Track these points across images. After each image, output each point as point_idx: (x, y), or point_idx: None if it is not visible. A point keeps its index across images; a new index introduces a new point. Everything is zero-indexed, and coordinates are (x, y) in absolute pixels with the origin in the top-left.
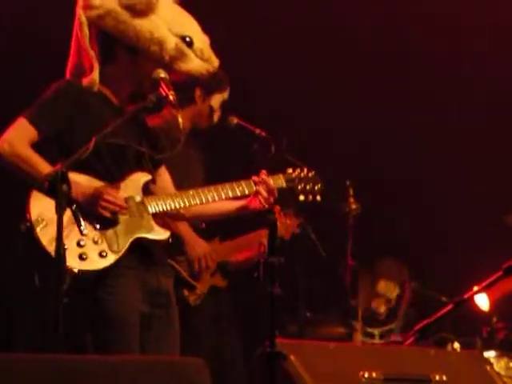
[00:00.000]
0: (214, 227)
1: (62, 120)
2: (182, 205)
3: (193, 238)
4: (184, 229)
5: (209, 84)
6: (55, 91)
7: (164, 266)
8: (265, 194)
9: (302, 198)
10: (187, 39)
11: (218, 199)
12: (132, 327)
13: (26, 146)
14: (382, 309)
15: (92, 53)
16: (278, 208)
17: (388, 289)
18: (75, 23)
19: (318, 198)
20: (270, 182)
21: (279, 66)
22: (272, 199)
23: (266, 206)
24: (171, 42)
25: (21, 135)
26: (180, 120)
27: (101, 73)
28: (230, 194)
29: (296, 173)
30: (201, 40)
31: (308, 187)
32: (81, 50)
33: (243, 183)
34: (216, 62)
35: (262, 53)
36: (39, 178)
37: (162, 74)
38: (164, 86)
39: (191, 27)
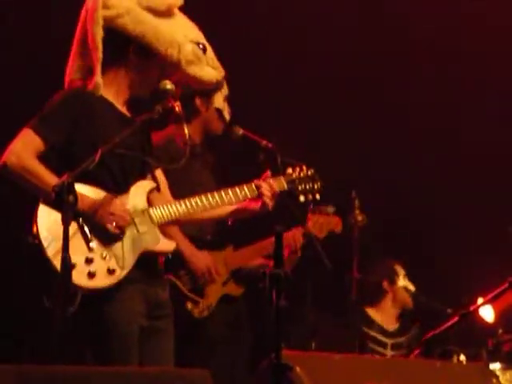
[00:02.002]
0: (225, 236)
1: (67, 130)
2: (187, 212)
3: (193, 252)
4: (183, 244)
5: (206, 89)
6: (59, 100)
7: (161, 277)
8: (268, 195)
9: (302, 198)
10: (201, 45)
11: (221, 204)
12: (132, 340)
13: (33, 157)
14: (389, 325)
15: (100, 55)
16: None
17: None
18: (87, 24)
19: (318, 196)
20: (273, 184)
21: (284, 74)
22: (274, 202)
23: (270, 208)
24: (188, 46)
25: (27, 147)
26: (186, 132)
27: (104, 76)
28: (234, 199)
29: (296, 173)
30: (210, 49)
31: (308, 187)
32: (87, 51)
33: (246, 187)
34: (223, 73)
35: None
36: (47, 190)
37: (169, 85)
38: (171, 98)
39: (202, 36)
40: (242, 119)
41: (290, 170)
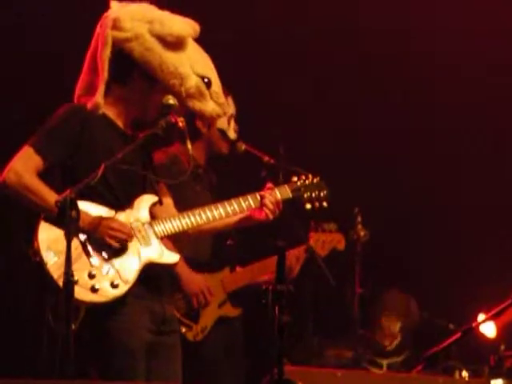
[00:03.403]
0: (222, 257)
1: (67, 147)
2: (190, 225)
3: (189, 274)
4: (180, 265)
5: None
6: (60, 117)
7: (169, 293)
8: (271, 206)
9: (308, 206)
10: (206, 80)
11: (225, 216)
12: (138, 356)
13: (33, 175)
14: (387, 342)
15: (105, 74)
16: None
17: (390, 323)
18: (99, 42)
19: (325, 204)
20: (276, 194)
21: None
22: (277, 212)
23: (271, 218)
24: (192, 80)
25: (27, 165)
26: (189, 147)
27: (109, 93)
28: (237, 210)
29: (301, 181)
30: (217, 84)
31: (314, 195)
32: (96, 68)
33: (249, 198)
34: (227, 109)
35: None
36: (47, 207)
37: (171, 100)
38: (173, 113)
39: (211, 70)
40: (244, 134)
41: (294, 178)
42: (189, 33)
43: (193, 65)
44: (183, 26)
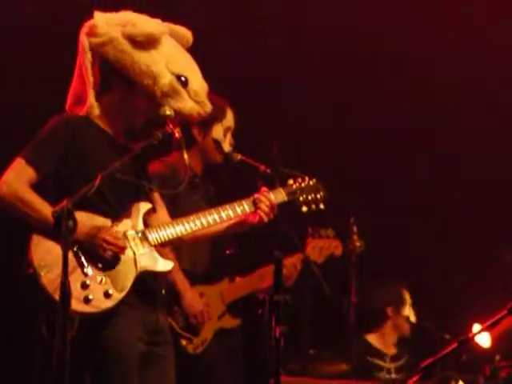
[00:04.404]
0: (220, 268)
1: (59, 158)
2: (184, 232)
3: (190, 295)
4: (180, 282)
5: (204, 119)
6: (51, 128)
7: (163, 304)
8: (265, 209)
9: (304, 209)
10: (182, 78)
11: (219, 221)
12: (131, 366)
13: (26, 187)
14: (386, 348)
15: (91, 79)
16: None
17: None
18: (79, 50)
19: (322, 206)
20: (271, 197)
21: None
22: (272, 215)
23: (266, 221)
24: (165, 78)
25: (19, 177)
26: (186, 158)
27: (99, 103)
28: (232, 215)
29: (297, 184)
30: (198, 83)
31: (310, 197)
32: (82, 76)
33: (244, 202)
34: (209, 108)
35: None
36: (40, 218)
37: (168, 111)
38: (170, 124)
39: (189, 69)
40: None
41: (290, 181)
42: (160, 31)
43: (168, 63)
44: (155, 25)
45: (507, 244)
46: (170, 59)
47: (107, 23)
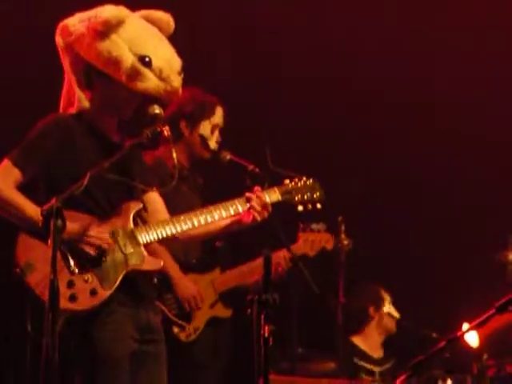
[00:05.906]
0: (212, 258)
1: (46, 159)
2: (174, 232)
3: (182, 279)
4: (172, 269)
5: (192, 113)
6: (40, 130)
7: (153, 302)
8: (258, 208)
9: (300, 208)
10: (146, 59)
11: (211, 221)
12: (123, 364)
13: (11, 188)
14: (372, 351)
15: (73, 78)
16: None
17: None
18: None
19: (319, 205)
20: (264, 196)
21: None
22: (266, 214)
23: (259, 220)
24: (127, 61)
25: (5, 178)
26: (175, 156)
27: (90, 103)
28: (224, 214)
29: (292, 183)
30: (163, 59)
31: (306, 197)
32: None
33: (236, 201)
34: (175, 82)
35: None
36: (26, 219)
37: (157, 110)
38: (159, 122)
39: (154, 48)
40: (231, 142)
41: (286, 181)
42: (116, 16)
43: (131, 46)
44: (112, 11)
45: (496, 243)
46: (133, 42)
47: (79, 20)
